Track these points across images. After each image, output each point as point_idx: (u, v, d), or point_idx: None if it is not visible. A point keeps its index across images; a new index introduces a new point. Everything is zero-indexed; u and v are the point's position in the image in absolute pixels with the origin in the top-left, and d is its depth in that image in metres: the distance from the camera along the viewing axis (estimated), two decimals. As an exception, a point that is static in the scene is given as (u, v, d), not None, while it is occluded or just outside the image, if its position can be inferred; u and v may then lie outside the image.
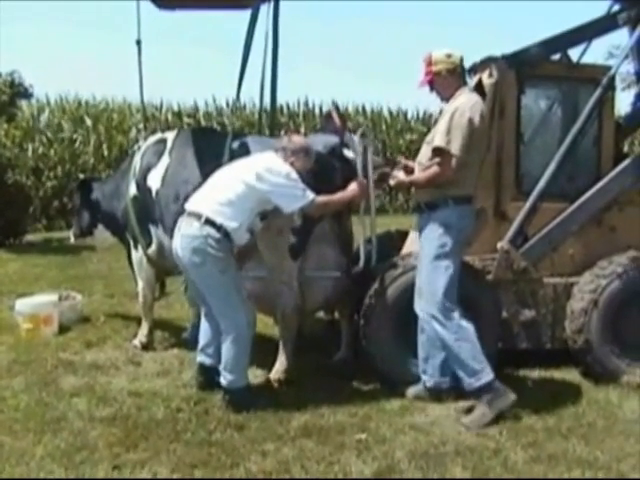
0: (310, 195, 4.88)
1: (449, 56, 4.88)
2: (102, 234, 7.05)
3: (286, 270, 5.35)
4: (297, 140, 5.18)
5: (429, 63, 4.89)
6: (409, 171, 5.21)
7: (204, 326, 5.26)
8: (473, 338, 4.76)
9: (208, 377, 5.21)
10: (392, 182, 5.17)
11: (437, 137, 4.78)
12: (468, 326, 4.77)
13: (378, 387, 5.29)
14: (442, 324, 4.73)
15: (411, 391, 5.15)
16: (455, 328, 4.74)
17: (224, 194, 4.88)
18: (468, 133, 4.69)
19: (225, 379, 4.93)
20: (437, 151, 4.78)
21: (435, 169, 4.79)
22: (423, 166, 4.96)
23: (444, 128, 4.74)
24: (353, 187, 5.11)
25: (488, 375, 4.73)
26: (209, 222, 4.80)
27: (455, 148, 4.69)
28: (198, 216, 4.84)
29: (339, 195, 5.09)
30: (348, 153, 5.45)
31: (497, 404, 4.68)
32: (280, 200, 4.90)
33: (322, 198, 4.98)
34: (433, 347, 4.99)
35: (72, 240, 7.47)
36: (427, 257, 4.83)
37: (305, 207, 4.94)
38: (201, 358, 5.27)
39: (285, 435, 4.45)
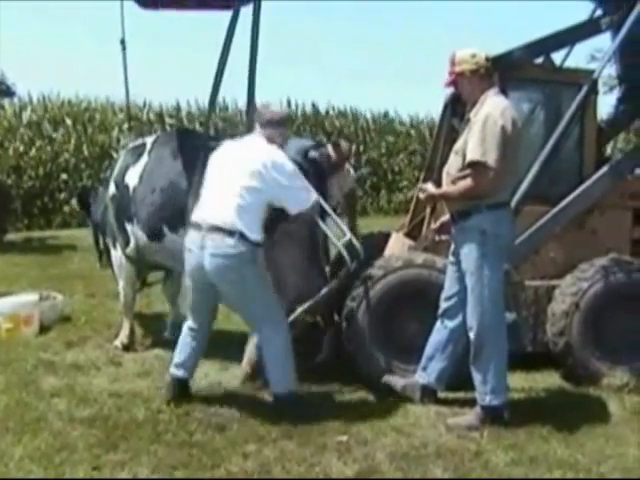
0: (314, 195, 4.75)
1: (473, 56, 4.66)
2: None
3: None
4: (277, 110, 4.96)
5: (453, 63, 4.69)
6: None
7: (185, 341, 5.00)
8: (506, 356, 4.70)
9: (181, 390, 4.98)
10: (422, 195, 4.93)
11: (471, 149, 4.51)
12: (506, 343, 4.70)
13: (360, 389, 5.28)
14: (488, 336, 4.60)
15: (401, 382, 5.10)
16: (499, 343, 4.65)
17: (237, 201, 4.56)
18: (503, 142, 4.45)
19: (276, 386, 4.80)
20: (472, 164, 4.51)
21: (469, 182, 4.55)
22: (452, 177, 4.70)
23: (477, 138, 4.48)
24: None
25: (504, 397, 4.70)
26: (243, 237, 4.53)
27: (492, 160, 4.43)
28: (229, 232, 4.52)
29: None
30: (312, 153, 5.44)
31: (487, 422, 4.63)
32: (288, 202, 4.69)
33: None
34: (440, 351, 4.95)
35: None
36: (468, 271, 4.64)
37: (311, 209, 4.76)
38: (179, 372, 4.98)
39: (266, 436, 4.44)
